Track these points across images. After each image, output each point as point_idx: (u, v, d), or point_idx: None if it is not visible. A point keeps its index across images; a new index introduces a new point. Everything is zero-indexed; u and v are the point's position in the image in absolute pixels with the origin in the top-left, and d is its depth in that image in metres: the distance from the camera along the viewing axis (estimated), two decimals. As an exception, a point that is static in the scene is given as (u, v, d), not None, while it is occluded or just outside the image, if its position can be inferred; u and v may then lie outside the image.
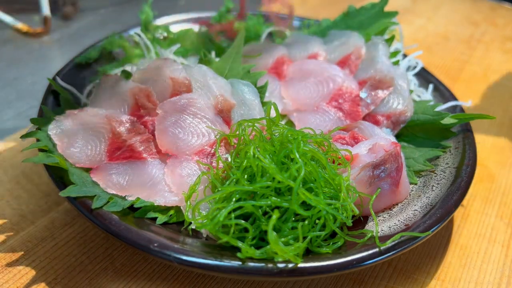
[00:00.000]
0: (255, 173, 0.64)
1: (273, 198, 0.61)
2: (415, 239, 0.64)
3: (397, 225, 0.68)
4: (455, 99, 0.95)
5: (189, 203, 0.66)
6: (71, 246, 0.73)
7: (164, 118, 0.74)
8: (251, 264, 0.59)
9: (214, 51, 1.05)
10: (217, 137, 0.74)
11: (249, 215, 0.63)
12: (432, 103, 0.90)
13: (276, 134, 0.70)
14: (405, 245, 0.63)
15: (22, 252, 0.72)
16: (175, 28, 1.15)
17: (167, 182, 0.70)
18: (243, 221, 0.60)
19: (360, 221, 0.71)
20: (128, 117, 0.76)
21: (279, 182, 0.62)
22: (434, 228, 0.65)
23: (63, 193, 0.66)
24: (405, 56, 1.04)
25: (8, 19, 1.48)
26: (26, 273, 0.69)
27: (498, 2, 1.80)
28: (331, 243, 0.64)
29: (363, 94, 0.88)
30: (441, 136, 0.85)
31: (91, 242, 0.74)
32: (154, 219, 0.68)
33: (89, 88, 0.93)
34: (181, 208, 0.69)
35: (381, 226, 0.68)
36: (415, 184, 0.78)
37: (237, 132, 0.72)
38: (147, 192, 0.70)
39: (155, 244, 0.60)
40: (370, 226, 0.70)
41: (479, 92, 1.24)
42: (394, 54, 1.01)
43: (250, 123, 0.72)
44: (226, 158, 0.72)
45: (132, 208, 0.68)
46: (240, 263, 0.59)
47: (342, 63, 0.94)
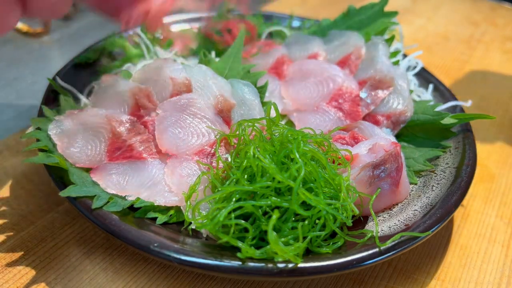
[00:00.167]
0: (255, 173, 0.64)
1: (273, 198, 0.61)
2: (415, 239, 0.64)
3: (397, 225, 0.68)
4: (455, 99, 0.95)
5: (189, 203, 0.66)
6: (71, 246, 0.73)
7: (164, 118, 0.74)
8: (251, 264, 0.59)
9: (214, 51, 1.05)
10: (217, 137, 0.74)
11: (249, 215, 0.63)
12: (432, 103, 0.90)
13: (276, 134, 0.70)
14: (405, 245, 0.63)
15: (22, 252, 0.72)
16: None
17: (167, 182, 0.70)
18: (243, 221, 0.60)
19: (360, 221, 0.71)
20: (128, 117, 0.76)
21: (279, 182, 0.61)
22: (434, 228, 0.65)
23: (63, 193, 0.66)
24: (405, 56, 1.04)
25: (8, 19, 1.47)
26: (26, 273, 0.69)
27: (498, 2, 1.80)
28: (331, 243, 0.64)
29: (363, 94, 0.88)
30: (441, 136, 0.85)
31: (91, 242, 0.74)
32: (154, 219, 0.68)
33: (89, 88, 0.93)
34: (181, 208, 0.69)
35: (381, 226, 0.68)
36: (415, 184, 0.78)
37: (237, 132, 0.72)
38: (147, 192, 0.70)
39: (155, 244, 0.60)
40: (370, 226, 0.70)
41: (479, 92, 1.24)
42: (394, 54, 1.01)
43: (250, 123, 0.72)
44: (226, 158, 0.72)
45: (132, 208, 0.68)
46: (240, 263, 0.59)
47: (342, 63, 0.94)
